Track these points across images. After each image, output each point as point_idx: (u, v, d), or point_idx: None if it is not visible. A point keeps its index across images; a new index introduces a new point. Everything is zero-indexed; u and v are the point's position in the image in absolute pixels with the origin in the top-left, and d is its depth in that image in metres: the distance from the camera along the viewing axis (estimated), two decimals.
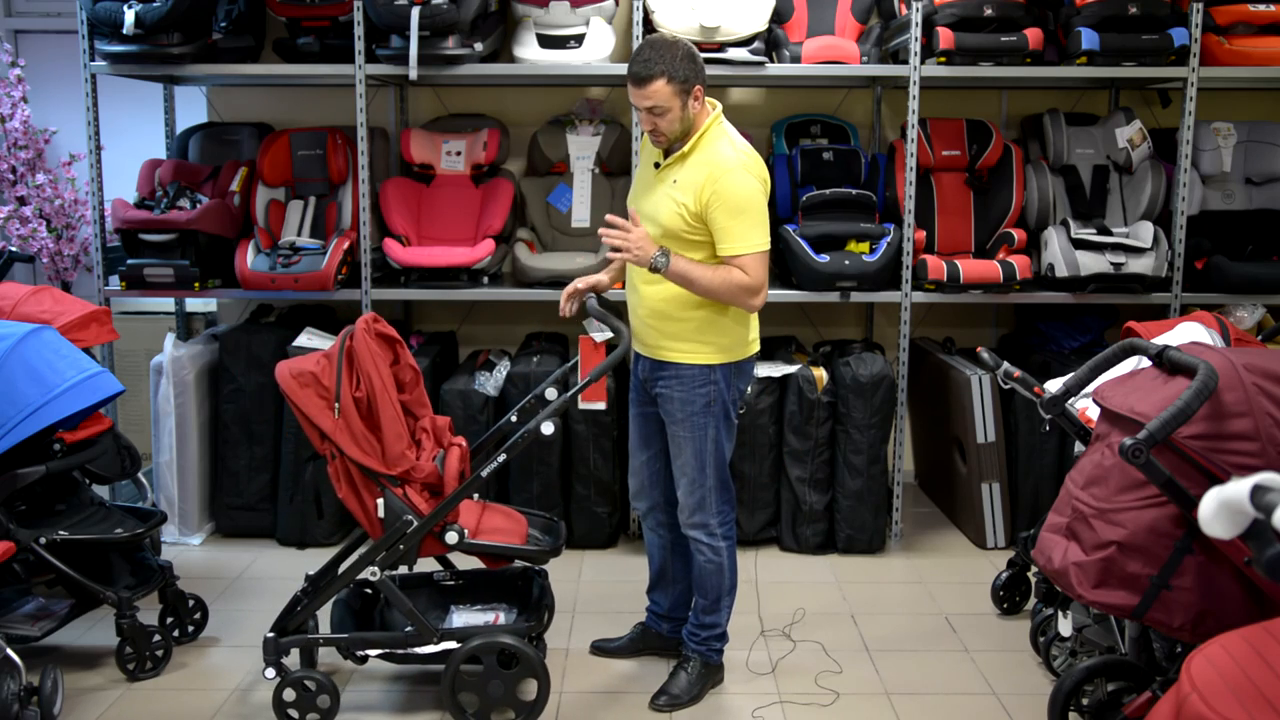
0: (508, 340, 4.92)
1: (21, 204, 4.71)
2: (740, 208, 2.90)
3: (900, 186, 4.40)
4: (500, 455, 3.02)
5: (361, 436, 2.92)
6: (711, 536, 3.12)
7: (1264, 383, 2.30)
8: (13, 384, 2.92)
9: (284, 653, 2.99)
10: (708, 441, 3.05)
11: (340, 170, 4.49)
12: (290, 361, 2.97)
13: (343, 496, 2.98)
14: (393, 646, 3.03)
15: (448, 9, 4.08)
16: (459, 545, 3.00)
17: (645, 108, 2.90)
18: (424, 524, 2.95)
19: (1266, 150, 4.58)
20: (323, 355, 2.98)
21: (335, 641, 3.06)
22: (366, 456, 2.92)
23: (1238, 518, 1.70)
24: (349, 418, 2.90)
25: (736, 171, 2.91)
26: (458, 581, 3.36)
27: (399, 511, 2.95)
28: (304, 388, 2.89)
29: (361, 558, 3.02)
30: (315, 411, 2.89)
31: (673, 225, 2.95)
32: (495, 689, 2.96)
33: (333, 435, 2.89)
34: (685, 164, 2.97)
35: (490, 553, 3.09)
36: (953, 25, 4.26)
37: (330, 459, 2.97)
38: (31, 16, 5.18)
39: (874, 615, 3.79)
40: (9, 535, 3.07)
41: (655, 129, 2.94)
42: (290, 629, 3.03)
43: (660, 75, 2.85)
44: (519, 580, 3.36)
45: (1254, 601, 2.33)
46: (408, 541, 2.97)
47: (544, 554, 3.12)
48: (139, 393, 4.86)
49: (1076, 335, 4.64)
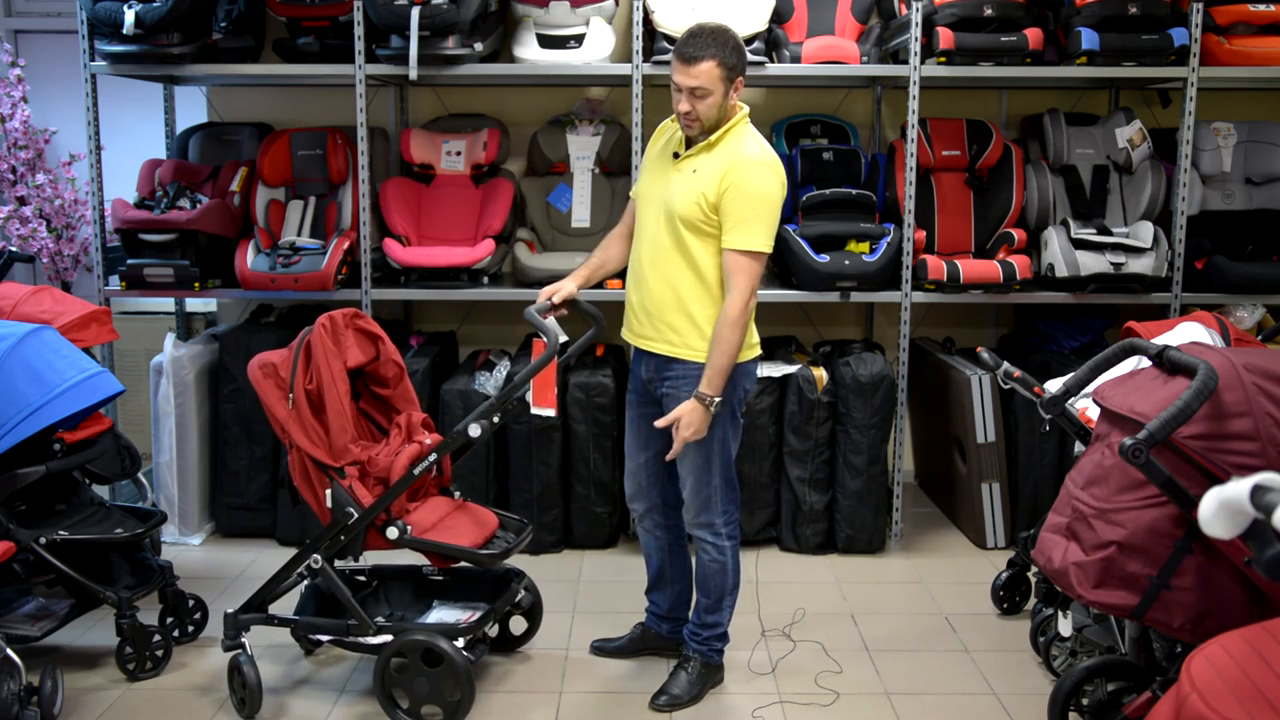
0: (508, 340, 4.92)
1: (21, 204, 4.71)
2: (754, 202, 2.90)
3: (900, 186, 4.40)
4: (432, 455, 3.09)
5: (310, 428, 3.03)
6: (716, 536, 3.12)
7: (1264, 383, 2.30)
8: (13, 384, 2.91)
9: (245, 629, 3.09)
10: (714, 442, 3.04)
11: (340, 170, 4.49)
12: (262, 354, 3.08)
13: (297, 485, 3.08)
14: (337, 634, 3.10)
15: (448, 9, 4.08)
16: (399, 541, 3.05)
17: (689, 88, 2.90)
18: (363, 516, 3.02)
19: (1266, 150, 4.58)
20: (287, 349, 3.08)
21: (286, 623, 3.14)
22: (314, 447, 3.03)
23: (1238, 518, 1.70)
24: (300, 409, 3.01)
25: (760, 167, 2.92)
26: (444, 578, 3.38)
27: (343, 503, 3.03)
28: (266, 378, 3.02)
29: (307, 546, 3.10)
30: (273, 402, 3.02)
31: (689, 214, 2.94)
32: (420, 686, 2.97)
33: (285, 424, 3.01)
34: (709, 154, 2.97)
35: (433, 551, 3.10)
36: (953, 25, 4.26)
37: (290, 448, 3.06)
38: (31, 16, 5.18)
39: (874, 615, 3.79)
40: (9, 535, 3.07)
41: (692, 112, 2.92)
42: (251, 607, 3.12)
43: (711, 58, 2.87)
44: (502, 581, 3.35)
45: (1254, 601, 2.33)
46: (348, 533, 3.04)
47: (489, 558, 3.12)
48: (139, 393, 4.86)
49: (1076, 335, 4.64)
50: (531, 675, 3.34)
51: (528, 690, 3.21)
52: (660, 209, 3.01)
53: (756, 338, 3.13)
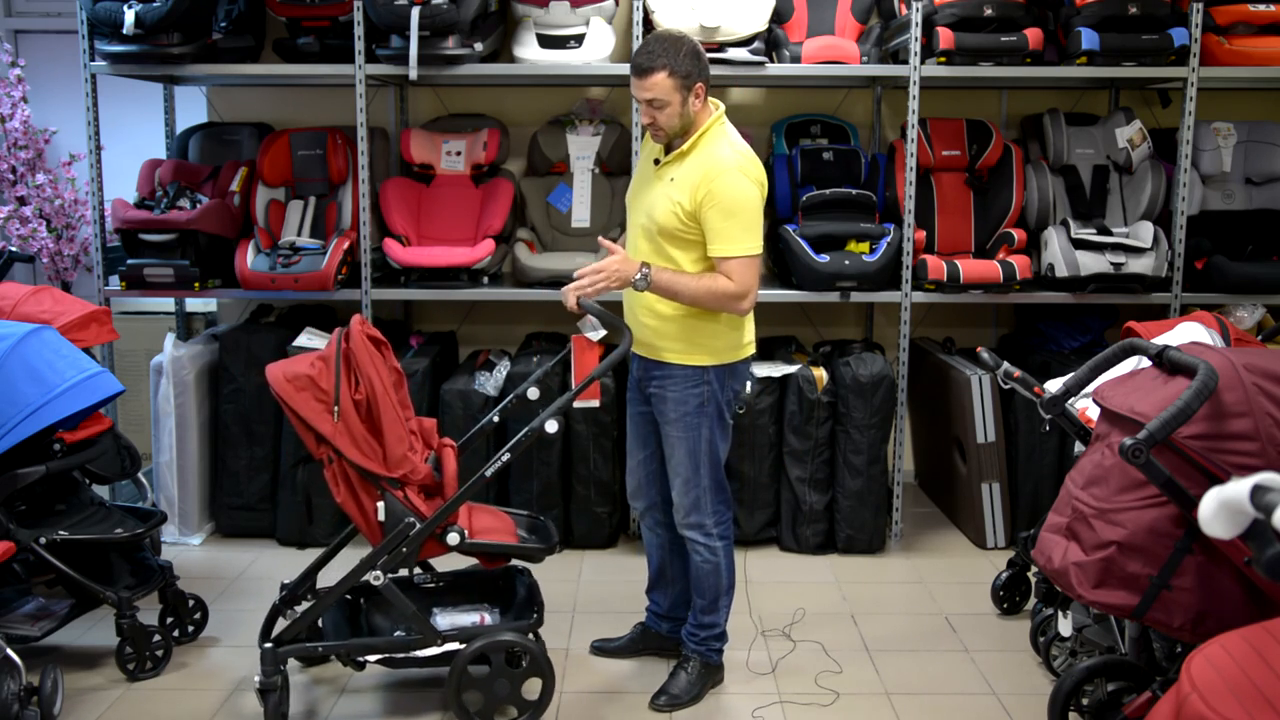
0: (508, 340, 4.92)
1: (21, 204, 4.71)
2: (732, 210, 2.89)
3: (900, 186, 4.40)
4: (505, 454, 3.00)
5: (362, 439, 2.89)
6: (708, 537, 3.12)
7: (1264, 383, 2.30)
8: (13, 384, 2.92)
9: (282, 662, 2.95)
10: (701, 442, 3.05)
11: (340, 170, 4.49)
12: (282, 364, 2.89)
13: (341, 501, 2.92)
14: (395, 651, 3.00)
15: (448, 9, 4.08)
16: (460, 546, 2.98)
17: (645, 100, 2.91)
18: (427, 525, 2.93)
19: (1266, 150, 4.58)
20: (317, 357, 2.91)
21: (336, 649, 3.01)
22: (367, 460, 2.88)
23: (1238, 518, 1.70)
24: (349, 420, 2.86)
25: (732, 173, 2.91)
26: (438, 584, 3.32)
27: (400, 514, 2.92)
28: (300, 391, 2.83)
29: (363, 562, 2.97)
30: (313, 415, 2.83)
31: (668, 224, 2.95)
32: (501, 688, 2.95)
33: (332, 439, 2.84)
34: (684, 162, 2.97)
35: (490, 552, 3.07)
36: (953, 25, 4.26)
37: (327, 463, 2.91)
38: (31, 16, 5.18)
39: (874, 615, 3.79)
40: (9, 535, 3.07)
41: (654, 123, 2.94)
42: (287, 638, 2.97)
43: (662, 68, 2.86)
44: (500, 580, 3.34)
45: (1254, 601, 2.33)
46: (410, 544, 2.94)
47: (541, 552, 3.11)
48: (139, 393, 4.86)
49: (1076, 335, 4.64)
50: None
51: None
52: (643, 216, 3.03)
53: (750, 337, 3.13)
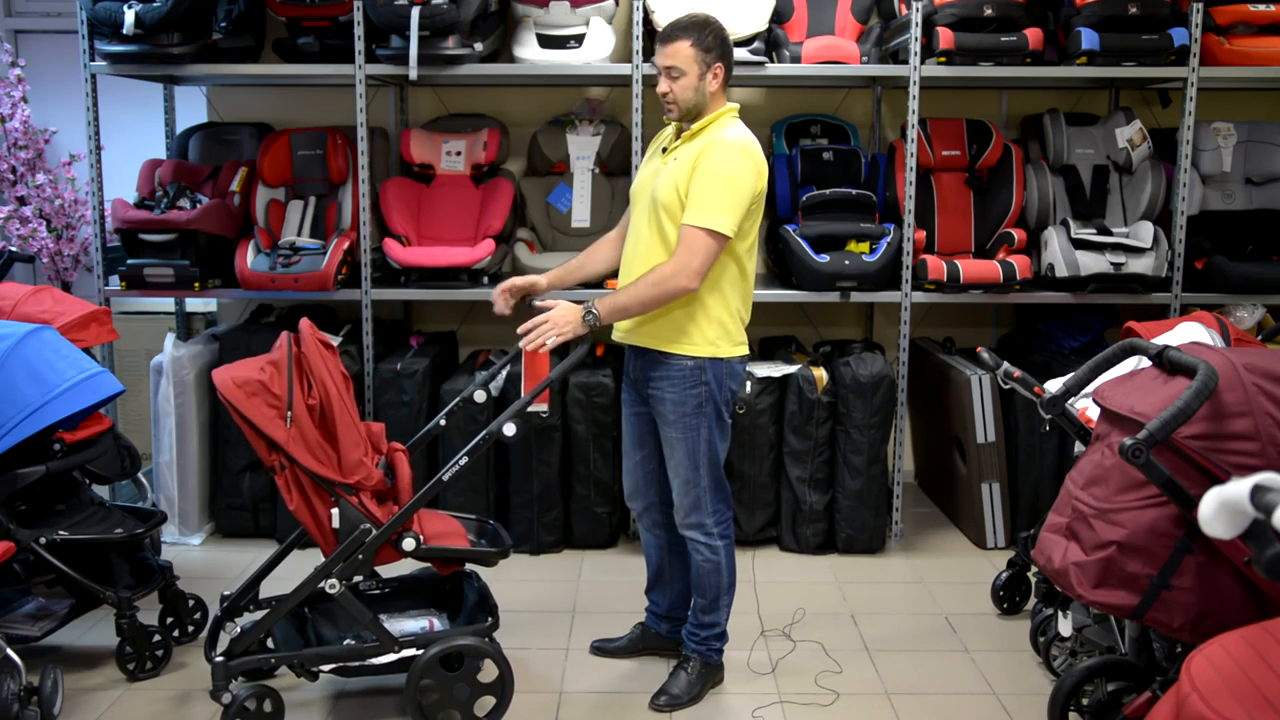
0: (508, 340, 4.92)
1: (21, 204, 4.71)
2: (719, 178, 2.87)
3: (900, 186, 4.40)
4: (463, 458, 2.97)
5: (316, 445, 2.82)
6: (708, 536, 3.12)
7: (1264, 383, 2.30)
8: (13, 384, 2.91)
9: (234, 676, 2.91)
10: (700, 442, 3.04)
11: (340, 170, 4.49)
12: (230, 368, 2.82)
13: (294, 509, 2.85)
14: (352, 659, 2.94)
15: (448, 9, 4.08)
16: (415, 551, 2.93)
17: (664, 66, 2.95)
18: (384, 531, 2.88)
19: (1266, 150, 4.58)
20: (266, 362, 2.85)
21: (290, 659, 2.94)
22: (322, 466, 2.82)
23: (1238, 518, 1.70)
24: (302, 426, 2.81)
25: (732, 147, 2.92)
26: (384, 590, 3.27)
27: (355, 521, 2.86)
28: (251, 396, 2.77)
29: (318, 570, 2.91)
30: (265, 421, 2.77)
31: (668, 200, 2.94)
32: (460, 691, 2.93)
33: (285, 445, 2.77)
34: (691, 144, 2.98)
35: (445, 557, 3.04)
36: (953, 25, 4.26)
37: (278, 470, 2.82)
38: (31, 16, 5.18)
39: (874, 615, 3.79)
40: (9, 535, 3.07)
41: (670, 93, 2.96)
42: (239, 651, 2.92)
43: (686, 37, 2.92)
44: (446, 585, 3.31)
45: (1254, 601, 2.33)
46: (366, 551, 2.88)
47: (495, 555, 3.08)
48: (139, 393, 4.86)
49: (1076, 335, 4.64)
50: (531, 675, 3.34)
51: (528, 690, 3.21)
52: (648, 200, 3.03)
53: (744, 336, 3.11)
